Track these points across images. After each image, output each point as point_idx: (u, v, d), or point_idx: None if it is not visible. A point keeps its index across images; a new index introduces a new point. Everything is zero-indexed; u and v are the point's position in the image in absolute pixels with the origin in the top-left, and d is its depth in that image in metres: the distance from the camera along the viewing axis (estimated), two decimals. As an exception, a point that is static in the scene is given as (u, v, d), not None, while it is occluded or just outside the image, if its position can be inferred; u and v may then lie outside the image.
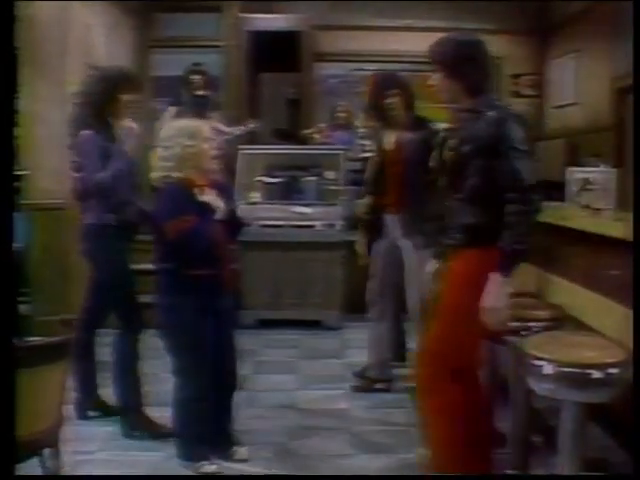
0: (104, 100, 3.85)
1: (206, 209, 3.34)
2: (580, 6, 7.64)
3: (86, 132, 3.81)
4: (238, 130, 7.11)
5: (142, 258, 3.94)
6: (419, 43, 8.41)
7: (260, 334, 6.05)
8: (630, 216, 3.12)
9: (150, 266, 3.52)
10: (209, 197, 3.38)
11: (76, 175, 3.93)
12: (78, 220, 3.98)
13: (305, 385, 4.85)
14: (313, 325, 6.15)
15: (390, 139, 4.40)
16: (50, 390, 2.87)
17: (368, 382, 4.65)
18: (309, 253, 6.13)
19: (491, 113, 2.87)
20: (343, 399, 4.57)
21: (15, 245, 5.47)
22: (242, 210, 6.44)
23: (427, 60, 3.07)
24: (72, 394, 4.00)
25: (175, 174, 3.33)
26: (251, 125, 7.18)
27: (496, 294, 2.75)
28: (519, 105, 8.68)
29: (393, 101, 4.31)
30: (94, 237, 3.88)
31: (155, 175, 3.41)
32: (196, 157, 3.32)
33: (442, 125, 3.62)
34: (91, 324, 4.12)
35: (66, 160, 5.63)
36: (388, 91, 4.31)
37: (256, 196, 6.49)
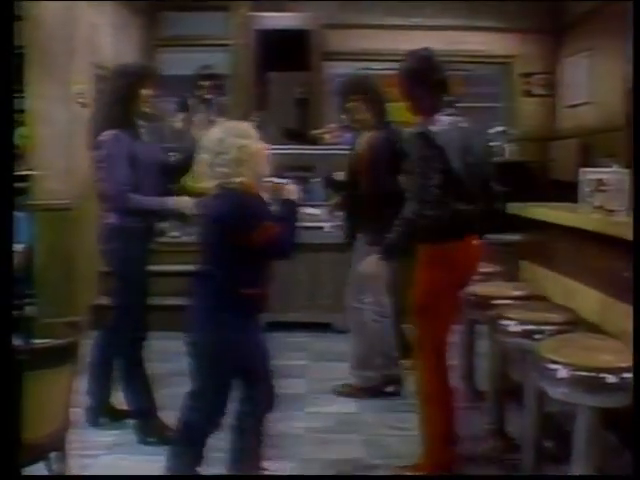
0: (130, 96, 3.74)
1: (272, 213, 3.12)
2: (593, 4, 7.61)
3: (112, 132, 3.70)
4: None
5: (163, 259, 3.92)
6: (430, 42, 8.46)
7: (269, 337, 6.03)
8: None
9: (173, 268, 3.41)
10: (288, 186, 3.13)
11: (100, 177, 3.80)
12: (99, 220, 3.92)
13: (315, 389, 4.84)
14: (323, 328, 6.14)
15: (361, 141, 4.55)
16: (56, 393, 2.88)
17: (351, 388, 4.71)
18: (319, 255, 6.13)
19: None
20: (353, 403, 4.57)
21: (21, 246, 5.49)
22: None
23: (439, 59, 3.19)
24: (84, 400, 4.01)
25: (237, 179, 3.03)
26: (255, 119, 7.20)
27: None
28: (531, 104, 8.68)
29: (356, 105, 4.45)
30: (117, 238, 3.81)
31: (209, 183, 3.07)
32: (253, 158, 3.05)
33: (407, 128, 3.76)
34: (130, 327, 3.95)
35: (73, 160, 5.69)
36: (352, 95, 4.46)
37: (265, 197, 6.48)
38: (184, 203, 3.80)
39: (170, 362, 4.98)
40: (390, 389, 4.64)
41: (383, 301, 4.54)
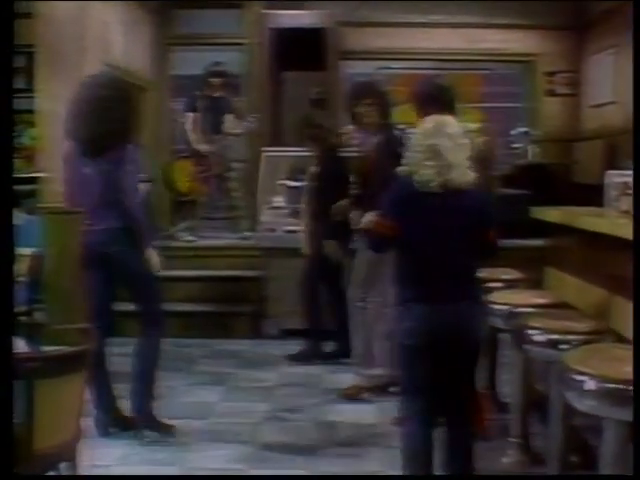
0: (131, 112, 4.08)
1: None
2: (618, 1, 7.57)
3: (131, 145, 4.02)
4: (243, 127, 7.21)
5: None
6: (450, 40, 8.53)
7: (284, 344, 6.05)
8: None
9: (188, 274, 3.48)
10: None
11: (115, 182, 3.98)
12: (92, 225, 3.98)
13: (331, 399, 4.84)
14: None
15: (364, 144, 4.87)
16: (67, 402, 2.89)
17: (357, 389, 4.85)
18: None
19: None
20: (371, 413, 4.56)
21: (30, 250, 5.50)
22: (265, 215, 6.49)
23: (458, 58, 3.30)
24: (92, 412, 4.03)
25: (475, 174, 3.00)
26: (251, 119, 7.27)
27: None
28: (554, 104, 8.65)
29: (368, 109, 4.73)
30: (123, 239, 4.02)
31: (461, 179, 2.98)
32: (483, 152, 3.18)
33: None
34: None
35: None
36: (364, 99, 4.76)
37: (279, 200, 6.49)
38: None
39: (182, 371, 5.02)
40: (394, 389, 4.64)
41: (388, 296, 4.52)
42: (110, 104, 3.96)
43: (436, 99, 4.07)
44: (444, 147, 2.93)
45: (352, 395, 4.84)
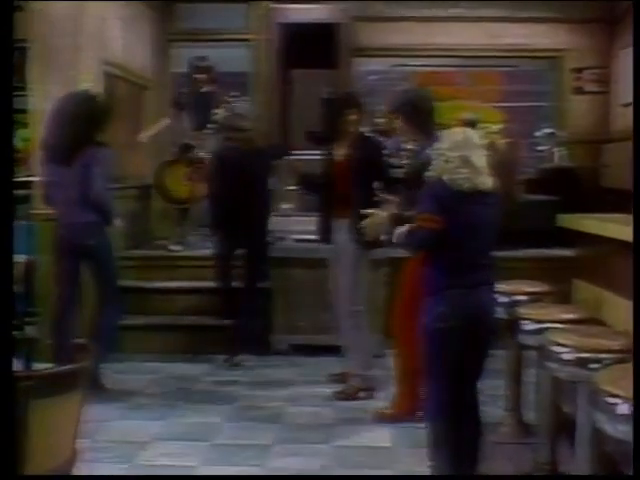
0: (107, 119, 5.13)
1: None
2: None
3: (105, 147, 5.05)
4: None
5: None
6: (470, 35, 8.52)
7: (293, 362, 6.05)
8: None
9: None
10: None
11: (86, 182, 4.92)
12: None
13: (343, 420, 4.83)
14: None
15: (339, 152, 5.28)
16: (63, 424, 2.90)
17: (352, 389, 5.24)
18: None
19: None
20: (387, 438, 4.56)
21: (21, 258, 5.52)
22: (273, 223, 6.49)
23: (479, 54, 3.49)
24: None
25: (495, 179, 3.60)
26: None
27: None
28: (582, 103, 8.63)
29: (353, 119, 5.25)
30: (98, 233, 5.05)
31: (486, 183, 3.54)
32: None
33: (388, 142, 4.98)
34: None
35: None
36: (349, 110, 5.25)
37: (289, 207, 6.49)
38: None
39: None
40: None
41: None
42: (72, 118, 4.93)
43: (419, 109, 4.63)
44: (474, 157, 3.52)
45: (349, 395, 5.20)
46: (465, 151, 3.52)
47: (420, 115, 4.68)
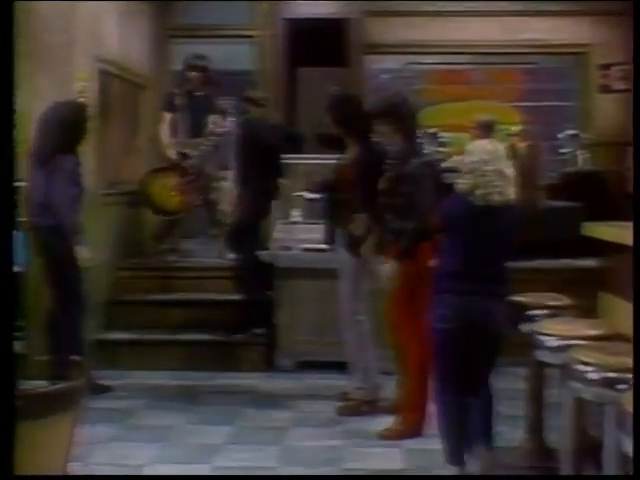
0: (81, 130, 5.42)
1: None
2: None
3: (72, 156, 5.36)
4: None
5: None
6: (488, 31, 8.50)
7: (299, 379, 6.04)
8: None
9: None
10: None
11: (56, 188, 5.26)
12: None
13: (352, 442, 4.82)
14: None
15: (347, 156, 5.33)
16: (54, 445, 2.89)
17: (355, 404, 5.30)
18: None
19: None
20: (397, 459, 4.54)
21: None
22: (280, 231, 6.49)
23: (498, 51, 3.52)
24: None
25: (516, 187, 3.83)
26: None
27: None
28: (609, 102, 8.60)
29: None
30: (61, 237, 5.27)
31: (511, 194, 3.77)
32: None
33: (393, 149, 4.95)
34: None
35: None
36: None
37: (296, 214, 6.49)
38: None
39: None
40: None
41: None
42: (50, 126, 5.28)
43: (402, 114, 4.85)
44: (505, 168, 3.73)
45: (352, 409, 5.27)
46: (498, 164, 3.71)
47: (403, 120, 4.83)
